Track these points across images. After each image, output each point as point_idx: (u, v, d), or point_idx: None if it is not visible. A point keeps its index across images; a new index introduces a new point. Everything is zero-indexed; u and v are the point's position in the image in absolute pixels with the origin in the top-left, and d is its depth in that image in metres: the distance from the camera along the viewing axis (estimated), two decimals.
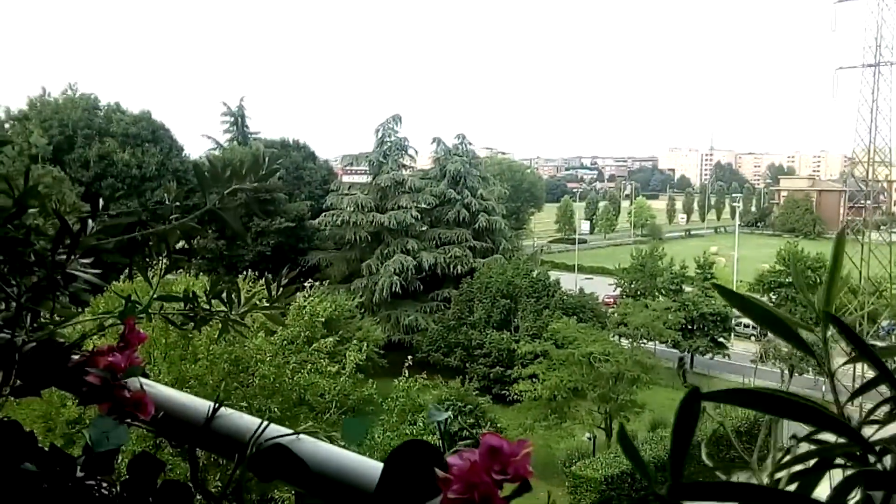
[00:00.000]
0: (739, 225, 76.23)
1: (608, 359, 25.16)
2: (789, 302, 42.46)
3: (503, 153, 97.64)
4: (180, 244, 1.46)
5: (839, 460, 0.48)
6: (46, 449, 1.16)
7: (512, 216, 62.69)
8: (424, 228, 42.98)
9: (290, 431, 0.89)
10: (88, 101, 41.05)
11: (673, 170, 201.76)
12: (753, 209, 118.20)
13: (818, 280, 41.98)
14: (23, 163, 29.76)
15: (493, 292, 35.24)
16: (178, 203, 1.32)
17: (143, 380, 1.05)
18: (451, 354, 34.23)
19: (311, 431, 0.89)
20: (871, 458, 0.42)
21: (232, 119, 56.11)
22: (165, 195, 1.46)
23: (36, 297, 1.23)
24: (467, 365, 33.00)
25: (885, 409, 0.46)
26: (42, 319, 1.30)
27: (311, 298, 18.38)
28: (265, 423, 0.89)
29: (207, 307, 1.54)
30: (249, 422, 0.94)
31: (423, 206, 42.82)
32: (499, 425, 27.00)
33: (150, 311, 1.39)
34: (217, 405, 0.95)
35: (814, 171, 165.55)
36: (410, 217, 41.81)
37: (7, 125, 38.09)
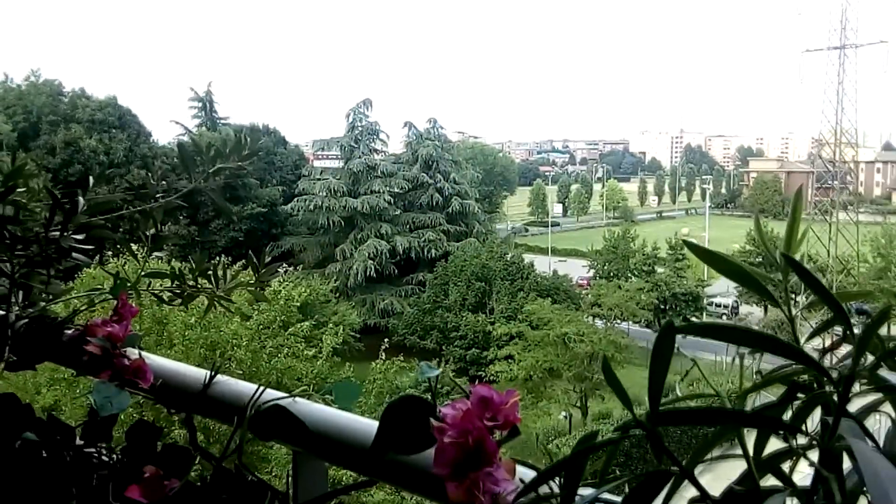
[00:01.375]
0: (710, 206, 77.44)
1: (583, 339, 25.52)
2: None
3: (475, 137, 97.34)
4: (151, 231, 1.48)
5: (801, 396, 0.54)
6: (44, 418, 1.19)
7: (485, 200, 62.79)
8: (398, 213, 42.91)
9: (286, 395, 0.93)
10: (52, 87, 40.07)
11: (644, 152, 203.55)
12: (724, 191, 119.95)
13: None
14: None
15: (468, 275, 35.39)
16: (163, 181, 1.34)
17: (141, 351, 1.08)
18: (427, 337, 34.39)
19: (306, 394, 0.94)
20: (828, 388, 0.48)
21: (200, 104, 55.10)
22: (150, 175, 1.48)
23: (28, 274, 1.25)
24: (443, 347, 33.19)
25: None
26: (34, 296, 1.32)
27: (286, 283, 18.33)
28: (261, 387, 0.93)
29: (194, 284, 1.57)
30: (245, 387, 0.98)
31: (396, 190, 42.71)
32: None
33: (138, 287, 1.42)
34: (213, 373, 0.99)
35: (782, 152, 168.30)
36: (383, 201, 41.69)
37: None
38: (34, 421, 1.19)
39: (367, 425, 0.85)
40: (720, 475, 0.67)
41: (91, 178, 1.23)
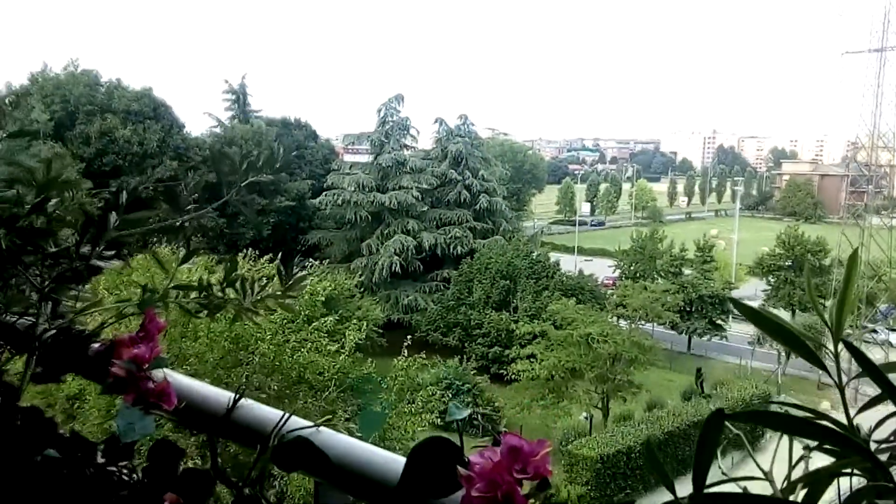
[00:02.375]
0: (740, 208, 76.14)
1: (606, 340, 25.30)
2: (788, 285, 42.60)
3: (505, 134, 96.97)
4: (206, 220, 1.48)
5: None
6: (67, 435, 1.20)
7: (513, 197, 62.56)
8: (425, 209, 42.94)
9: (310, 424, 0.91)
10: (90, 77, 40.78)
11: (675, 152, 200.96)
12: (755, 193, 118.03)
13: (818, 264, 42.09)
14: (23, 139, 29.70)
15: (493, 273, 35.32)
16: (195, 194, 1.34)
17: (166, 370, 1.07)
18: (450, 334, 34.41)
19: (330, 424, 0.92)
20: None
21: (234, 97, 55.65)
22: (184, 187, 1.48)
23: (57, 287, 1.26)
24: (466, 344, 33.19)
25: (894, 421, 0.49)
26: (61, 308, 1.33)
27: (311, 277, 18.43)
28: (286, 415, 0.91)
29: (221, 295, 1.57)
30: (269, 413, 0.97)
31: (425, 186, 42.72)
32: (496, 404, 27.26)
33: (166, 300, 1.42)
34: (238, 396, 0.98)
35: (816, 155, 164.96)
36: (411, 197, 41.74)
37: (7, 100, 37.89)
38: (56, 436, 1.19)
39: (390, 460, 0.83)
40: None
41: (104, 175, 1.23)
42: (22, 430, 1.25)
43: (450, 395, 25.48)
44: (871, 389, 0.54)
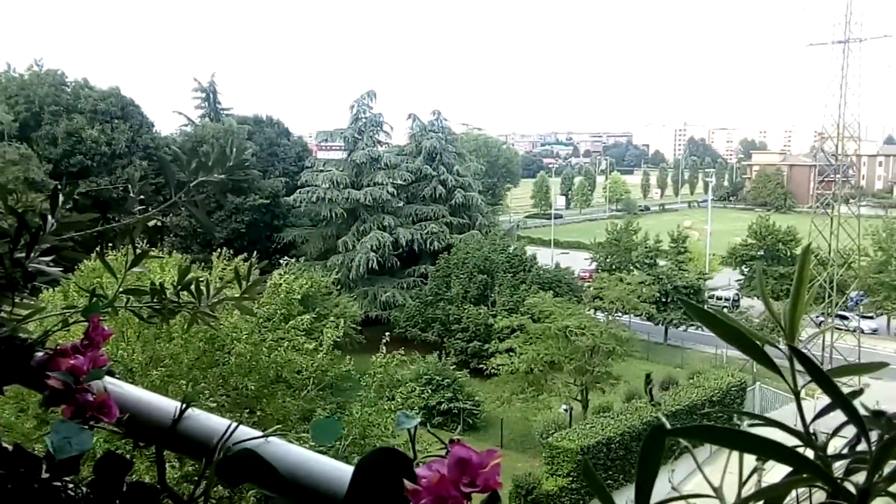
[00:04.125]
0: (712, 199, 77.14)
1: (584, 332, 25.46)
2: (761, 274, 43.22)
3: (479, 129, 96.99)
4: (153, 222, 1.43)
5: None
6: (10, 449, 1.14)
7: (488, 192, 62.61)
8: (401, 205, 42.82)
9: (259, 434, 0.87)
10: (55, 77, 39.93)
11: (647, 145, 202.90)
12: (726, 183, 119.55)
13: (788, 253, 42.79)
14: None
15: (470, 268, 35.34)
16: (142, 195, 1.29)
17: (110, 379, 1.02)
18: (429, 329, 34.37)
19: (281, 433, 0.88)
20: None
21: (203, 95, 54.94)
22: (129, 185, 1.42)
23: None
24: (445, 340, 33.18)
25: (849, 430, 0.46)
26: (2, 315, 1.27)
27: (287, 275, 18.26)
28: (233, 425, 0.87)
29: (176, 299, 1.51)
30: (217, 423, 0.92)
31: (399, 182, 42.58)
32: (476, 398, 27.29)
33: (115, 305, 1.36)
34: (184, 406, 0.93)
35: (785, 146, 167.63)
36: (386, 193, 41.60)
37: None
38: (0, 451, 1.14)
39: (342, 472, 0.79)
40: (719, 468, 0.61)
41: (69, 175, 1.17)
42: None
43: (430, 391, 25.43)
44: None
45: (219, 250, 18.11)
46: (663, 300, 36.93)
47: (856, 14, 35.96)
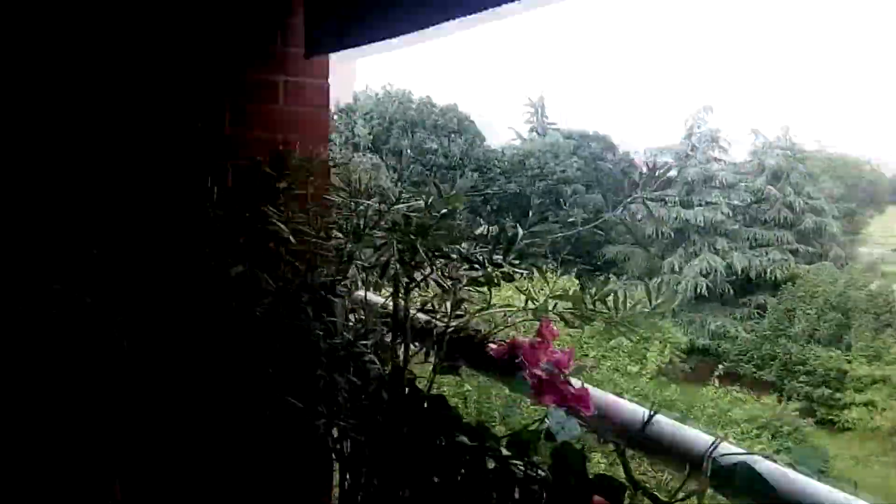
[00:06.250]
0: None
1: None
2: None
3: (834, 147, 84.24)
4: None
5: None
6: (473, 424, 1.29)
7: (844, 218, 54.44)
8: (736, 227, 39.68)
9: (745, 451, 0.84)
10: (403, 96, 46.43)
11: None
12: None
13: None
14: (348, 150, 35.53)
15: (821, 303, 31.14)
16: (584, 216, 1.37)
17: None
18: (766, 367, 31.16)
19: (766, 455, 0.84)
20: None
21: (532, 110, 58.41)
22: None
23: (460, 289, 1.38)
24: (785, 381, 29.74)
25: None
26: (460, 310, 1.45)
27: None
28: (717, 438, 0.85)
29: (592, 308, 1.59)
30: (689, 434, 0.92)
31: (736, 202, 39.49)
32: (824, 453, 23.77)
33: (546, 308, 1.47)
34: (653, 412, 0.95)
35: None
36: (720, 214, 38.94)
37: (336, 117, 45.25)
38: (460, 425, 1.29)
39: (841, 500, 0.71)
40: None
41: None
42: (427, 414, 1.39)
43: (768, 437, 22.99)
44: None
45: (544, 264, 18.88)
46: None
47: None
